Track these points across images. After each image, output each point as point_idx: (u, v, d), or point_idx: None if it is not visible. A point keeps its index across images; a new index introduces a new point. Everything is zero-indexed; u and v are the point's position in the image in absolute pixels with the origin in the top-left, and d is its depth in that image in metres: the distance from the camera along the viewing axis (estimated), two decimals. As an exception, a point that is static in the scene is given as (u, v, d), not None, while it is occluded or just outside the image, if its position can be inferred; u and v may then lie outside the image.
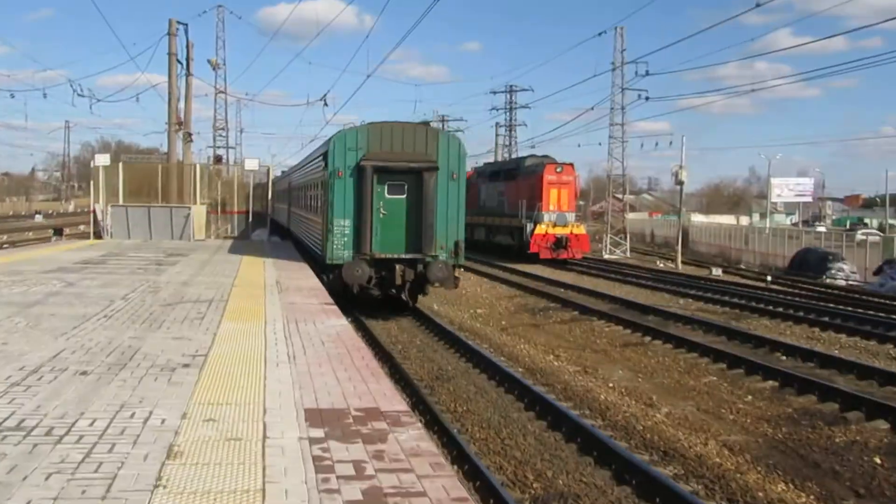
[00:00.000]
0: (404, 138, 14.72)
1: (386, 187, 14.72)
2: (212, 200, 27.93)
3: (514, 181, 32.62)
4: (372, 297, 15.68)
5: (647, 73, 39.85)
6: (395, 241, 14.75)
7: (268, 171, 29.21)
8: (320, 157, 16.63)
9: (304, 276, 14.82)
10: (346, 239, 14.64)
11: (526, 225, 29.55)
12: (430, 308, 17.49)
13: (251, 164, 27.66)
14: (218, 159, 46.69)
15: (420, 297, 15.96)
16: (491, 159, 51.72)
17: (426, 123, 17.27)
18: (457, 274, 14.75)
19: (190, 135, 31.24)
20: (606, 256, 37.44)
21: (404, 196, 14.75)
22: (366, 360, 7.19)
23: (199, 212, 26.48)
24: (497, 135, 61.72)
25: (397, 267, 14.73)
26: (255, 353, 7.29)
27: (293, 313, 9.98)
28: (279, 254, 20.78)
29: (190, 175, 27.16)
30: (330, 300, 11.64)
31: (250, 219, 27.62)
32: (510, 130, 67.70)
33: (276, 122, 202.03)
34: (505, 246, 32.41)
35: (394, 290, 15.22)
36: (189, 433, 4.72)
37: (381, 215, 14.72)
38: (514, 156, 60.87)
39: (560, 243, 29.65)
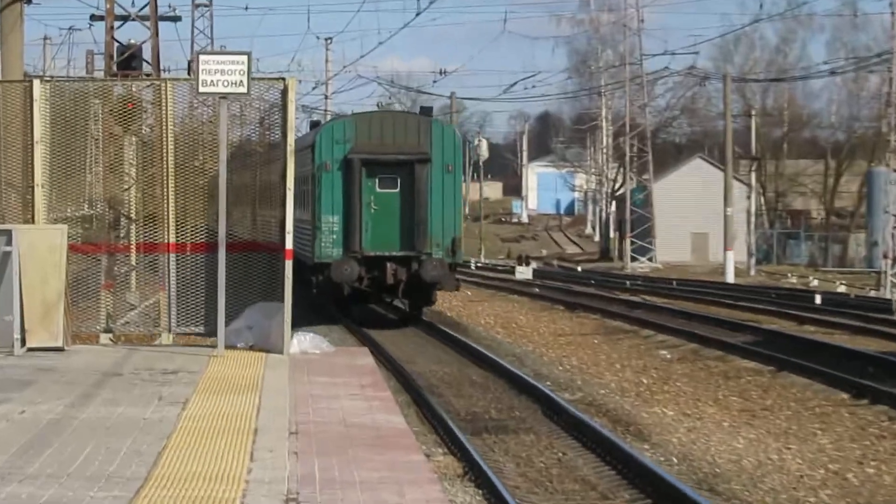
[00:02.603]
0: (395, 128, 27.04)
1: (377, 181, 26.65)
2: (106, 205, 17.27)
3: None
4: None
5: None
6: (387, 237, 26.61)
7: (284, 91, 17.64)
8: (308, 149, 27.68)
9: (393, 474, 10.33)
10: (334, 236, 26.48)
11: None
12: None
13: (215, 68, 16.37)
14: (127, 59, 29.33)
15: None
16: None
17: (427, 110, 28.67)
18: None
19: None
20: None
21: (396, 190, 26.81)
22: None
23: (39, 247, 16.51)
24: None
25: (388, 265, 26.21)
26: None
27: None
28: (324, 384, 14.29)
29: (21, 115, 16.66)
30: None
31: (222, 263, 16.39)
32: None
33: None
34: None
35: (387, 293, 27.11)
36: None
37: (372, 211, 26.52)
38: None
39: None
